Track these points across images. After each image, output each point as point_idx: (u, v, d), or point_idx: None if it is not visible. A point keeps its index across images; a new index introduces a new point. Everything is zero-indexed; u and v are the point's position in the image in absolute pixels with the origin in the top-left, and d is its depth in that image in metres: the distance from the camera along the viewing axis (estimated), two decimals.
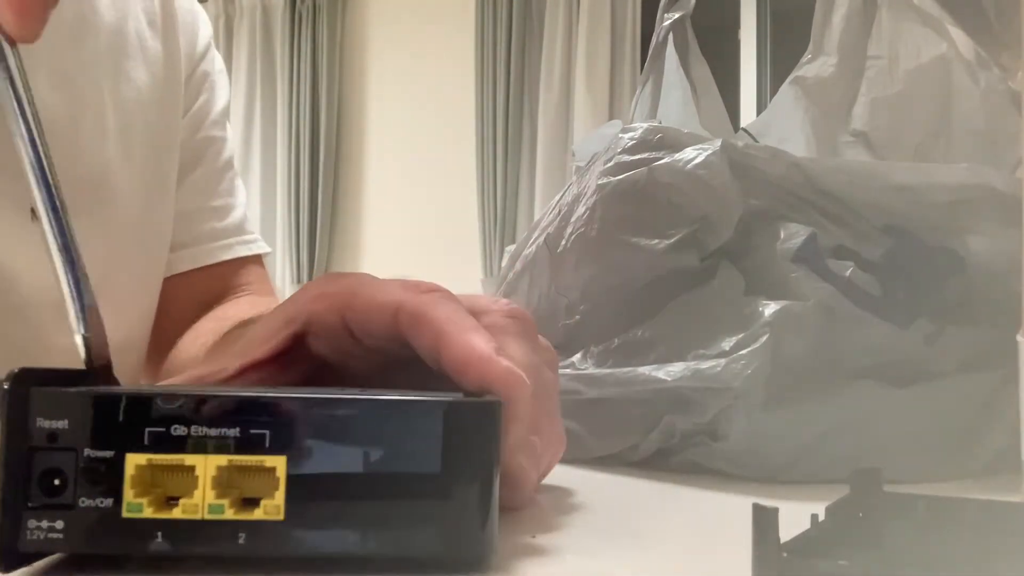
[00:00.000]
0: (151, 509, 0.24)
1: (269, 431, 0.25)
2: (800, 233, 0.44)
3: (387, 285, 0.35)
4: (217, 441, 0.24)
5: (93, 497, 0.24)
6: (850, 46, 0.57)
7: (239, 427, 0.24)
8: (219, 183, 0.73)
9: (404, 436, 0.25)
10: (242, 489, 0.25)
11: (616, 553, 0.31)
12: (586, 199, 0.49)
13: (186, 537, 0.24)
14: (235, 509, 0.24)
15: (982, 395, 0.44)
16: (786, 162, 0.46)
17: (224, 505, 0.24)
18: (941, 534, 0.29)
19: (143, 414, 0.24)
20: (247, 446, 0.24)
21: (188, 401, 0.25)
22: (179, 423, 0.24)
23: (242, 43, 4.40)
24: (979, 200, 0.45)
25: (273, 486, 0.24)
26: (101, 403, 0.25)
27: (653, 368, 0.44)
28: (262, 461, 0.24)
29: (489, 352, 0.30)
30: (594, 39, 3.53)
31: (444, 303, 0.33)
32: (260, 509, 0.24)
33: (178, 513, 0.24)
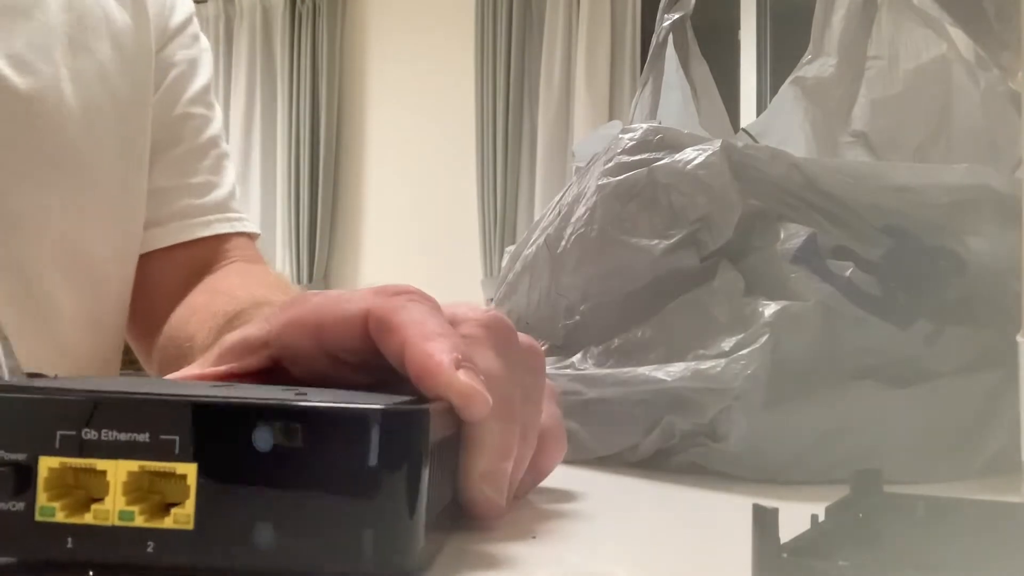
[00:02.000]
0: (63, 513, 0.23)
1: (179, 437, 0.23)
2: (800, 233, 0.44)
3: (356, 295, 0.33)
4: (127, 446, 0.23)
5: (7, 500, 0.23)
6: (850, 47, 0.57)
7: (148, 432, 0.23)
8: (200, 161, 0.71)
9: (323, 445, 0.24)
10: (163, 495, 0.24)
11: (616, 553, 0.31)
12: (586, 199, 0.49)
13: (96, 543, 0.23)
14: (146, 516, 0.23)
15: (982, 396, 0.44)
16: (786, 163, 0.46)
17: (134, 512, 0.23)
18: (941, 535, 0.29)
19: (54, 416, 0.24)
20: (158, 452, 0.23)
21: (96, 404, 0.24)
22: (89, 426, 0.23)
23: (242, 44, 4.40)
24: (979, 201, 0.45)
25: (184, 494, 0.23)
26: (13, 405, 0.24)
27: (653, 368, 0.44)
28: (173, 468, 0.23)
29: (447, 363, 0.29)
30: (594, 39, 3.53)
31: (413, 307, 0.32)
32: (170, 517, 0.23)
33: (89, 519, 0.23)
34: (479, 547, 0.30)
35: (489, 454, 0.31)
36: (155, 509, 0.24)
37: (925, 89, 0.55)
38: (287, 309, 0.35)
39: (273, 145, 4.30)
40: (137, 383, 0.28)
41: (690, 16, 0.60)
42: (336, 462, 0.24)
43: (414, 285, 0.34)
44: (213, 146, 0.73)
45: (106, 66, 0.63)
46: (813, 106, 0.57)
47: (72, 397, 0.24)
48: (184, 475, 0.23)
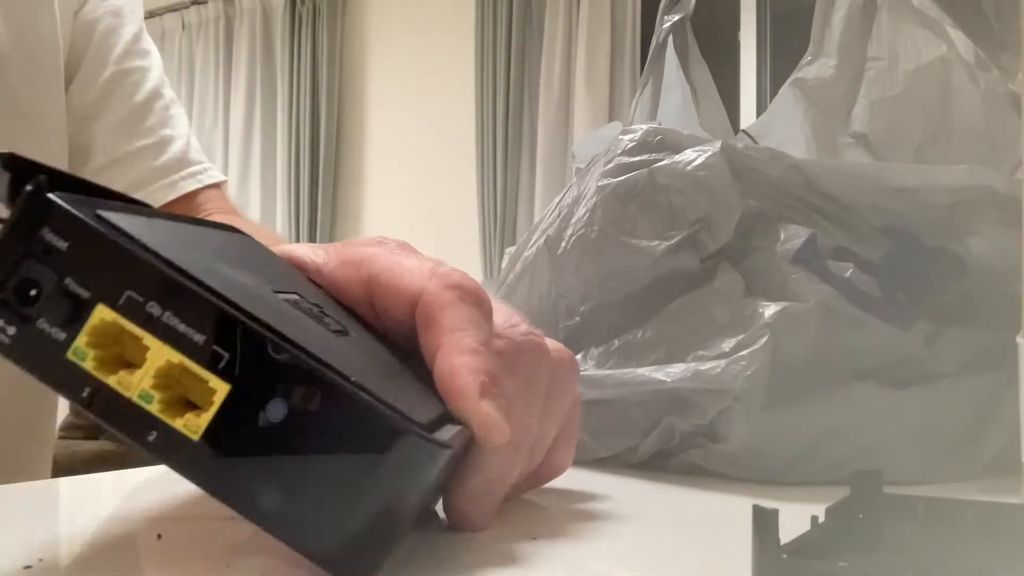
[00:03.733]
0: (92, 364, 0.23)
1: (229, 355, 0.23)
2: (800, 234, 0.44)
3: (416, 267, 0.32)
4: (182, 337, 0.23)
5: (52, 324, 0.23)
6: (850, 48, 0.57)
7: (207, 336, 0.23)
8: (145, 119, 0.68)
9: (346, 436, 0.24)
10: (187, 392, 0.24)
11: (616, 554, 0.31)
12: (586, 201, 0.49)
13: (106, 406, 0.23)
14: (162, 407, 0.23)
15: (982, 397, 0.44)
16: (786, 164, 0.46)
17: (154, 397, 0.23)
18: (941, 536, 0.29)
19: (135, 275, 0.23)
20: (204, 356, 0.23)
21: (177, 284, 0.23)
22: (157, 302, 0.23)
23: (242, 45, 4.40)
24: (979, 201, 0.45)
25: (207, 406, 0.23)
26: (104, 245, 0.23)
27: (653, 369, 0.44)
28: (208, 378, 0.23)
29: (473, 387, 0.28)
30: (594, 40, 3.53)
31: (461, 308, 0.31)
32: (182, 420, 0.23)
33: (112, 381, 0.23)
34: (479, 547, 0.30)
35: (486, 476, 0.30)
36: (174, 402, 0.24)
37: (925, 90, 0.55)
38: (348, 247, 0.35)
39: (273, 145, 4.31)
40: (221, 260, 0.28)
41: (690, 17, 0.60)
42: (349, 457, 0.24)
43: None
44: (156, 98, 0.69)
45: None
46: (813, 107, 0.57)
47: (158, 266, 0.23)
48: (215, 390, 0.23)
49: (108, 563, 0.29)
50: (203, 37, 4.51)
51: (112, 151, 0.67)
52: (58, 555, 0.30)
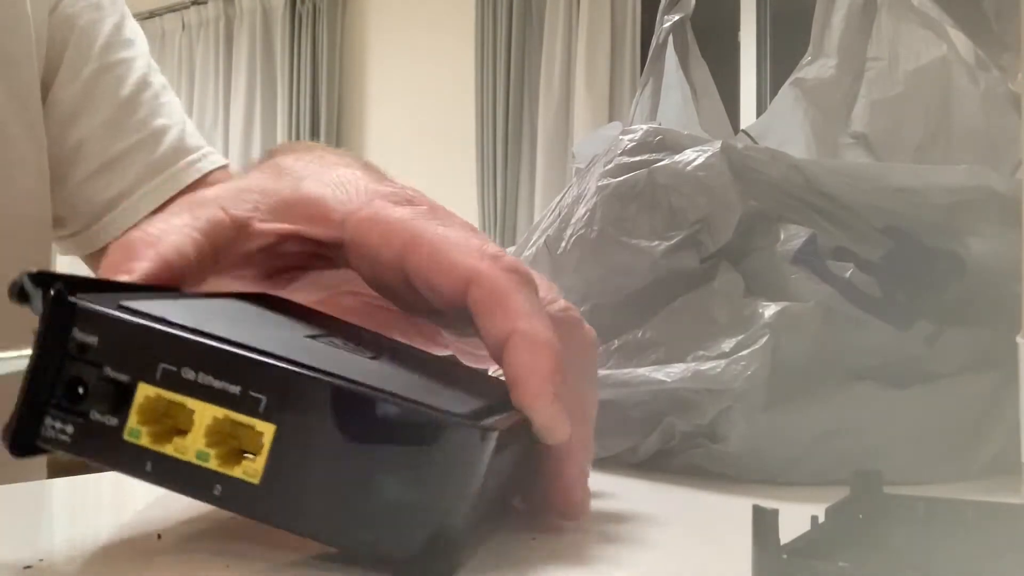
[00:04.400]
0: (148, 439, 0.25)
1: (266, 398, 0.25)
2: (800, 235, 0.44)
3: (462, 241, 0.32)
4: (219, 393, 0.25)
5: (104, 413, 0.25)
6: (850, 48, 0.57)
7: (240, 386, 0.25)
8: (134, 112, 0.65)
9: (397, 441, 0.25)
10: (239, 441, 0.25)
11: (616, 554, 0.31)
12: (586, 201, 0.49)
13: (169, 473, 0.25)
14: (220, 461, 0.25)
15: (982, 397, 0.44)
16: (786, 164, 0.46)
17: (211, 454, 0.25)
18: (941, 536, 0.29)
19: (163, 349, 0.25)
20: (245, 405, 0.25)
21: (201, 346, 0.25)
22: (189, 367, 0.25)
23: (242, 45, 4.40)
24: (979, 202, 0.45)
25: (259, 449, 0.25)
26: (127, 327, 0.25)
27: (653, 369, 0.44)
28: (253, 424, 0.25)
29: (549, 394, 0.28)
30: (594, 39, 3.53)
31: (524, 296, 0.30)
32: (240, 468, 0.25)
33: (169, 449, 0.25)
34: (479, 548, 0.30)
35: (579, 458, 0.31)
36: (230, 454, 0.25)
37: (925, 90, 0.55)
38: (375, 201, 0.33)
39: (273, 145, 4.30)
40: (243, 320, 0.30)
41: (690, 17, 0.60)
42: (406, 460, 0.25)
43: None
44: (143, 88, 0.67)
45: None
46: (813, 107, 0.57)
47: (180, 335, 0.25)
48: (262, 432, 0.25)
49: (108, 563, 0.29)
50: (203, 37, 4.51)
51: (104, 152, 0.65)
52: (58, 555, 0.30)
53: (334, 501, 0.25)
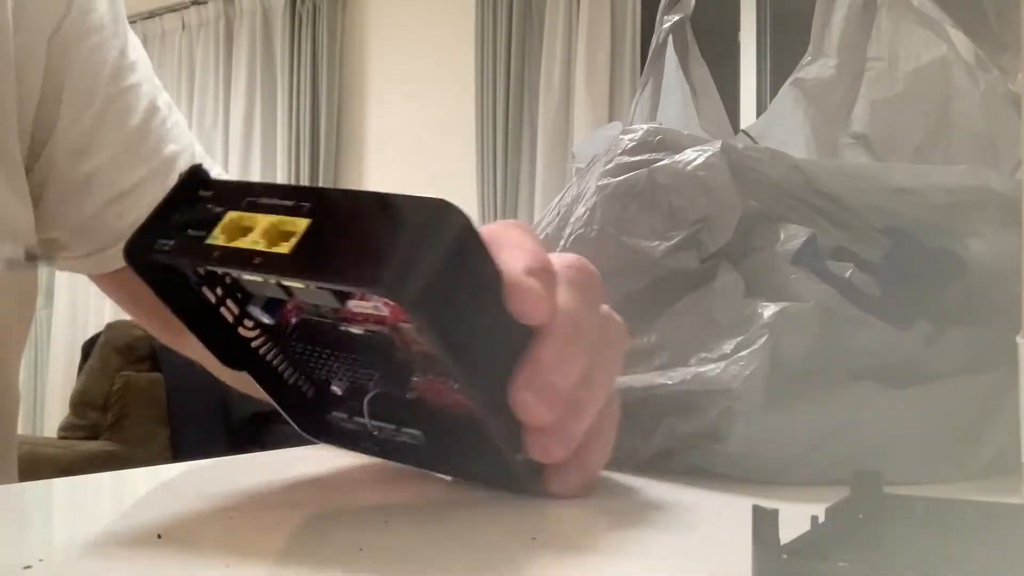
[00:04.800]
0: (223, 239, 0.33)
1: (309, 204, 0.32)
2: (800, 235, 0.44)
3: None
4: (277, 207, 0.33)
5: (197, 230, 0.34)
6: (850, 48, 0.57)
7: (294, 200, 0.33)
8: (144, 141, 0.66)
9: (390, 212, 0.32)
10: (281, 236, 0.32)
11: (616, 555, 0.31)
12: (586, 200, 0.49)
13: (228, 255, 0.33)
14: (265, 243, 0.32)
15: (982, 397, 0.44)
16: (786, 164, 0.46)
17: (261, 242, 0.32)
18: (941, 536, 0.29)
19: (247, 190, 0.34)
20: (292, 211, 0.32)
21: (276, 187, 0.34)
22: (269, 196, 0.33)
23: (242, 45, 4.40)
24: (979, 202, 0.45)
25: (295, 234, 0.32)
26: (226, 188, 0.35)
27: (653, 370, 0.44)
28: (295, 221, 0.32)
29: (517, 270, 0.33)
30: (594, 40, 3.53)
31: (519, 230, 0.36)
32: (278, 247, 0.32)
33: (233, 243, 0.33)
34: (479, 548, 0.30)
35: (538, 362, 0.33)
36: (273, 242, 0.32)
37: (925, 90, 0.55)
38: None
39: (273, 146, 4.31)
40: None
41: (690, 17, 0.60)
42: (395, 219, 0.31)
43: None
44: (152, 114, 0.67)
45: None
46: (813, 107, 0.57)
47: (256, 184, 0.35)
48: (301, 225, 0.32)
49: (108, 563, 0.29)
50: (203, 37, 4.51)
51: (117, 184, 0.65)
52: (58, 555, 0.30)
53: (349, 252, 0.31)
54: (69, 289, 4.69)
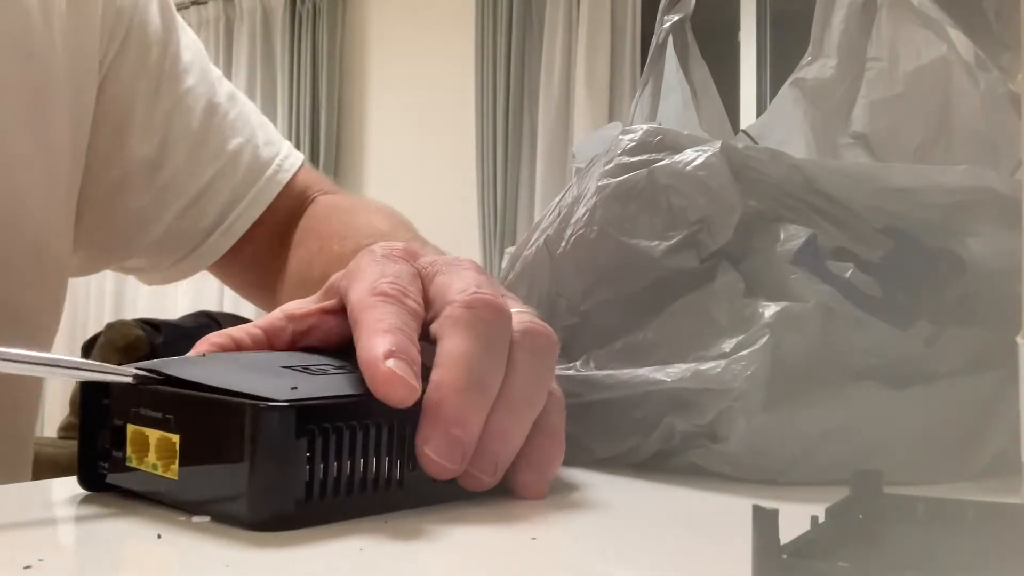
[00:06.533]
0: (135, 461, 0.35)
1: (174, 416, 0.33)
2: (800, 235, 0.44)
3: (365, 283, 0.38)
4: (156, 420, 0.34)
5: (117, 450, 0.36)
6: (850, 48, 0.57)
7: (162, 412, 0.34)
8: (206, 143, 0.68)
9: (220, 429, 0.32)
10: (168, 451, 0.34)
11: (616, 554, 0.31)
12: (586, 200, 0.49)
13: (145, 484, 0.34)
14: (163, 468, 0.34)
15: (982, 397, 0.44)
16: (786, 164, 0.46)
17: (159, 464, 0.34)
18: (941, 536, 0.29)
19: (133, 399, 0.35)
20: (166, 425, 0.34)
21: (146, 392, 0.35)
22: (144, 406, 0.34)
23: (242, 45, 4.40)
24: (979, 202, 0.45)
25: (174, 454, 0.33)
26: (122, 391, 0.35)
27: (653, 369, 0.44)
28: (170, 436, 0.33)
29: (375, 357, 0.33)
30: (594, 40, 3.53)
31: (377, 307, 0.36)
32: (170, 470, 0.33)
33: (144, 466, 0.34)
34: (479, 548, 0.30)
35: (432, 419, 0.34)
36: (166, 464, 0.34)
37: (925, 90, 0.55)
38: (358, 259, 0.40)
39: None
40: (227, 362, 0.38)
41: (690, 18, 0.60)
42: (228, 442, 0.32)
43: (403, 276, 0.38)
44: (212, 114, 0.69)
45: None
46: (813, 107, 0.57)
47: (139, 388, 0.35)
48: (175, 441, 0.33)
49: (108, 563, 0.29)
50: (203, 37, 4.51)
51: (190, 189, 0.67)
52: (58, 555, 0.30)
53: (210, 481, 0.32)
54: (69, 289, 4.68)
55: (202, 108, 0.68)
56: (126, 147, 0.66)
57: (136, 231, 0.68)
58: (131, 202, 0.67)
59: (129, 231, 0.68)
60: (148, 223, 0.68)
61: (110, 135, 0.65)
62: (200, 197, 0.68)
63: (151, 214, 0.68)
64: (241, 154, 0.69)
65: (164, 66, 0.67)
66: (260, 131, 0.72)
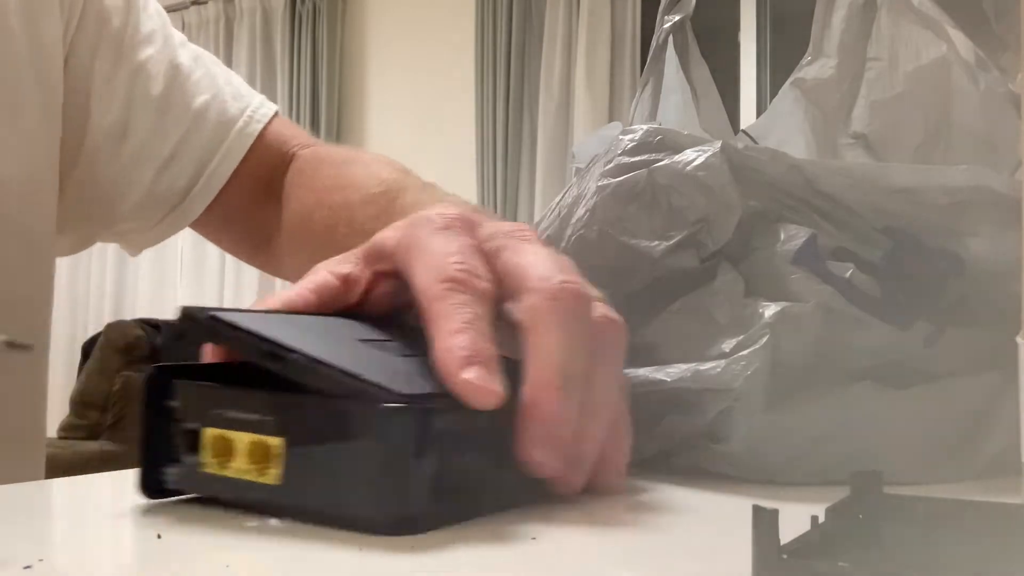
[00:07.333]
0: (215, 467, 0.33)
1: (274, 417, 0.32)
2: (800, 235, 0.44)
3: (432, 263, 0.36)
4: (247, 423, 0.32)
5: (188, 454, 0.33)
6: (850, 48, 0.57)
7: (258, 414, 0.32)
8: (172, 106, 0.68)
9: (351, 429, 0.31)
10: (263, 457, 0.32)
11: (616, 554, 0.31)
12: (586, 201, 0.49)
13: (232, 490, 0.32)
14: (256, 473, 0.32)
15: (982, 397, 0.44)
16: (786, 164, 0.46)
17: (251, 470, 0.32)
18: (941, 536, 0.29)
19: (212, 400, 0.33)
20: (263, 427, 0.32)
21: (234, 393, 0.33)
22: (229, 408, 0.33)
23: (242, 45, 4.40)
24: (979, 202, 0.45)
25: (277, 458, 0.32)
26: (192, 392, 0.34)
27: (653, 369, 0.44)
28: (268, 440, 0.32)
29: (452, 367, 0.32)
30: (594, 40, 3.53)
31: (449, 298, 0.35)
32: (269, 475, 0.32)
33: (229, 472, 0.32)
34: (479, 548, 0.30)
35: (536, 421, 0.34)
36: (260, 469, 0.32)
37: (925, 90, 0.55)
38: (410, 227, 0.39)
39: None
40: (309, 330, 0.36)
41: (690, 18, 0.60)
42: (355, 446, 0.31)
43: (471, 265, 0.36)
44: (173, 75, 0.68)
45: None
46: (813, 107, 0.57)
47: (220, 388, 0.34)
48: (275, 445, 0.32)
49: (108, 563, 0.29)
50: (203, 37, 4.51)
51: (160, 153, 0.67)
52: (58, 555, 0.30)
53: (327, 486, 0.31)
54: (69, 289, 4.69)
55: (164, 73, 0.68)
56: (90, 118, 0.66)
57: (115, 199, 0.68)
58: (104, 172, 0.67)
59: (108, 200, 0.68)
60: (125, 190, 0.68)
61: (77, 108, 0.66)
62: (172, 159, 0.68)
63: (126, 181, 0.68)
64: (207, 112, 0.69)
65: (124, 36, 0.68)
66: (227, 87, 0.71)
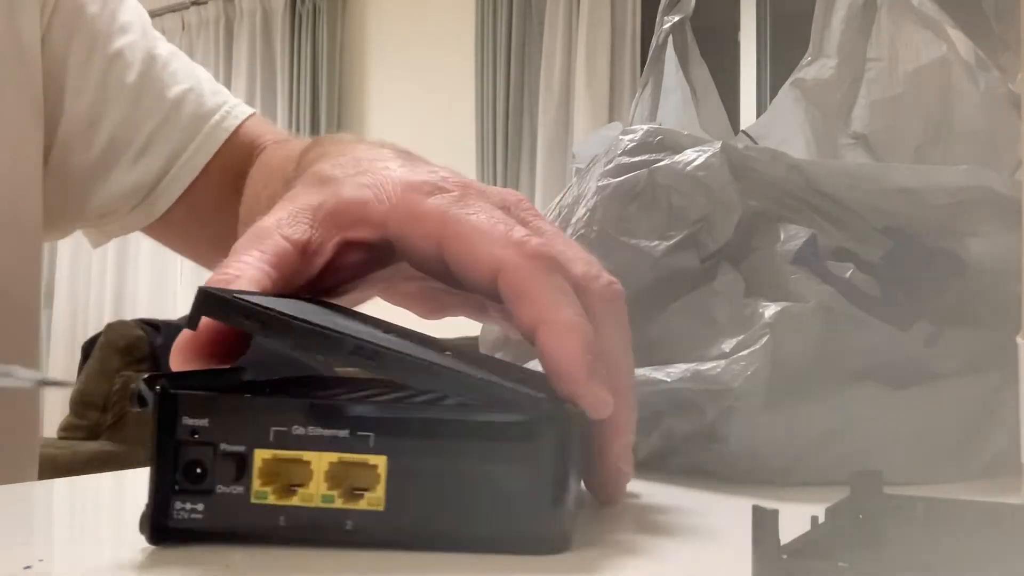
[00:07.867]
0: (274, 496, 0.28)
1: (373, 433, 0.28)
2: (800, 235, 0.44)
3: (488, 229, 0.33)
4: (329, 440, 0.27)
5: (228, 484, 0.28)
6: (850, 48, 0.57)
7: (348, 429, 0.28)
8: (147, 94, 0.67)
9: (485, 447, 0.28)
10: (351, 480, 0.28)
11: (615, 555, 0.31)
12: (586, 201, 0.49)
13: (303, 521, 0.28)
14: (344, 499, 0.28)
15: (982, 397, 0.44)
16: (786, 164, 0.46)
17: (334, 496, 0.28)
18: (941, 536, 0.29)
19: (273, 415, 0.28)
20: (354, 445, 0.27)
21: (307, 405, 0.28)
22: (298, 424, 0.28)
23: (242, 45, 4.40)
24: (979, 202, 0.45)
25: (376, 480, 0.27)
26: (234, 406, 0.28)
27: (653, 369, 0.44)
28: (366, 459, 0.27)
29: (583, 370, 0.30)
30: (594, 40, 3.53)
31: (549, 278, 0.32)
32: (364, 500, 0.28)
33: (296, 501, 0.28)
34: None
35: (621, 433, 0.33)
36: (348, 493, 0.28)
37: (925, 90, 0.55)
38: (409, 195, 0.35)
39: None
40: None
41: (690, 18, 0.60)
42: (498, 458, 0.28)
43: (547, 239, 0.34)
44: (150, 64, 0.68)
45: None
46: (813, 107, 0.57)
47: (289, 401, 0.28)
48: (375, 465, 0.28)
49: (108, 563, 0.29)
50: (203, 37, 4.51)
51: (135, 141, 0.67)
52: (58, 555, 0.30)
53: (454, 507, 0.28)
54: (69, 289, 4.69)
55: (140, 61, 0.68)
56: (64, 106, 0.66)
57: (91, 186, 0.68)
58: (78, 159, 0.67)
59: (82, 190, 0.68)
60: (99, 178, 0.67)
61: (52, 96, 0.66)
62: (146, 147, 0.67)
63: (101, 168, 0.67)
64: (184, 102, 0.68)
65: (99, 24, 0.67)
66: (207, 83, 0.71)
